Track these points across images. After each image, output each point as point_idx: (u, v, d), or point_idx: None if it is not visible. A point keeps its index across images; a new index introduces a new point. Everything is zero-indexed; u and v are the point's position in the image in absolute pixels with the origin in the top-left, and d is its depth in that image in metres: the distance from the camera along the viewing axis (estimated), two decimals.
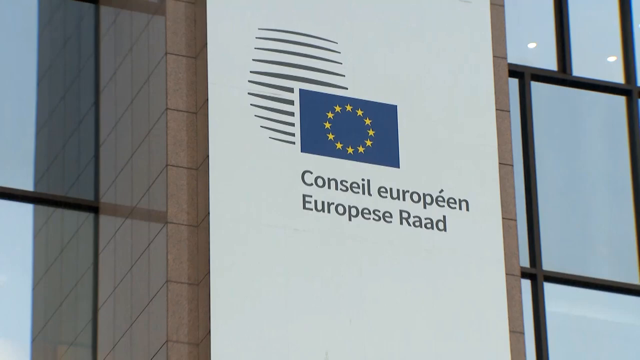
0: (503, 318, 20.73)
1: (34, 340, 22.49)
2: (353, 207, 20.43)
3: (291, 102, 20.81)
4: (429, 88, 21.98)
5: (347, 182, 20.66)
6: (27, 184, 23.12)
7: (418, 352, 20.53)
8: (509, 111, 22.47)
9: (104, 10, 24.00)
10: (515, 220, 21.82)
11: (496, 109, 21.82)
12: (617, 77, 25.47)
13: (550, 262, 23.63)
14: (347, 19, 22.16)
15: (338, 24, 21.91)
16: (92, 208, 22.81)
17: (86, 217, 22.89)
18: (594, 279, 23.67)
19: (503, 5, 22.95)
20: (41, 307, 22.90)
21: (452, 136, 21.87)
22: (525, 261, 22.87)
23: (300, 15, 21.80)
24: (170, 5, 21.15)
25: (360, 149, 20.88)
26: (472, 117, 21.99)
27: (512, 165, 22.14)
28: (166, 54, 21.00)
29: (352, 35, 22.01)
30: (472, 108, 22.10)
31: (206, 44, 20.81)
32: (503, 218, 21.23)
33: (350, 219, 20.40)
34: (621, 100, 25.31)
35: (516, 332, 20.83)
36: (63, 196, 23.12)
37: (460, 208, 21.02)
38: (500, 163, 21.62)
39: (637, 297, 24.23)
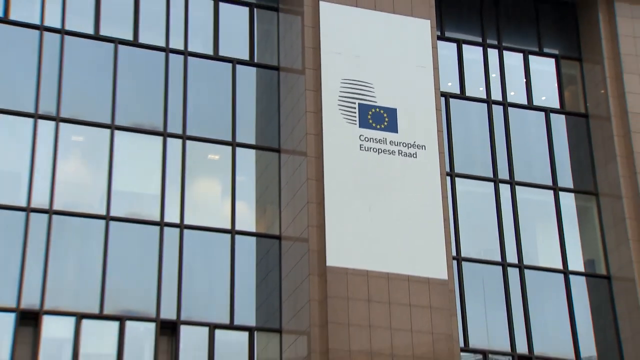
0: (438, 190, 24.23)
1: (256, 204, 25.96)
2: (379, 149, 24.25)
3: (354, 107, 24.48)
4: (410, 102, 25.12)
5: (376, 139, 24.32)
6: (252, 141, 26.19)
7: (409, 203, 23.83)
8: (441, 110, 25.83)
9: (282, 74, 26.54)
10: (444, 153, 25.28)
11: (436, 109, 25.20)
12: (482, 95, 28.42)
13: (458, 168, 26.90)
14: (376, 74, 25.08)
15: (373, 76, 24.90)
16: (277, 150, 26.02)
17: (274, 155, 26.01)
18: (476, 175, 27.39)
19: (438, 69, 25.67)
20: (260, 191, 25.99)
21: (419, 119, 25.01)
22: (449, 169, 26.46)
23: (357, 71, 24.77)
24: (307, 71, 24.47)
25: (382, 126, 24.56)
26: (427, 113, 25.20)
27: (442, 131, 25.45)
28: (305, 90, 24.52)
29: (378, 81, 24.96)
30: (426, 109, 25.22)
31: (321, 85, 24.35)
32: (439, 152, 24.66)
33: (379, 154, 24.21)
34: (484, 106, 28.28)
35: (445, 198, 24.43)
36: (266, 146, 26.28)
37: (422, 149, 24.55)
38: (437, 130, 25.00)
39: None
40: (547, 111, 28.97)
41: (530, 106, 28.94)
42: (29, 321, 22.48)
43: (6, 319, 22.30)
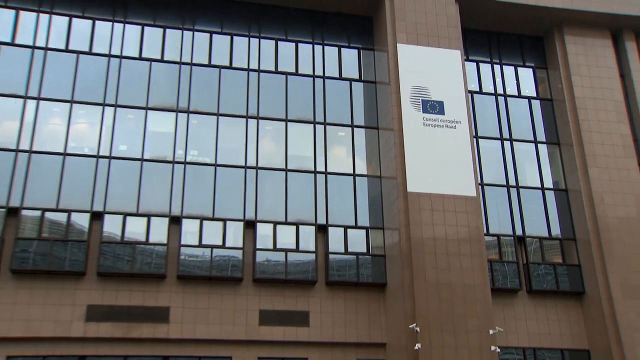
0: (468, 146, 23.33)
1: (366, 159, 24.52)
2: (435, 124, 23.46)
3: (419, 101, 23.64)
4: (451, 97, 23.95)
5: (433, 119, 23.52)
6: (362, 123, 25.02)
7: (453, 154, 22.94)
8: (469, 100, 24.43)
9: (378, 85, 25.30)
10: (472, 125, 24.01)
11: (465, 100, 24.08)
12: (492, 91, 26.84)
13: (480, 133, 25.60)
14: (431, 82, 23.94)
15: (429, 84, 23.83)
16: (376, 128, 24.80)
17: (375, 131, 24.79)
18: (489, 136, 25.76)
19: (466, 77, 24.53)
20: (368, 151, 24.59)
21: (456, 106, 23.85)
22: (475, 134, 25.17)
23: (420, 81, 23.82)
24: (392, 82, 23.66)
25: (435, 111, 23.70)
26: (461, 103, 24.00)
27: (470, 112, 24.20)
28: (391, 93, 23.74)
29: (432, 86, 23.89)
30: (460, 101, 24.02)
31: (400, 90, 23.51)
32: (468, 124, 23.68)
33: (434, 127, 23.39)
34: (492, 97, 26.72)
35: (473, 149, 23.42)
36: (370, 125, 25.06)
37: (459, 123, 23.66)
38: (467, 112, 23.93)
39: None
40: (529, 98, 27.67)
41: (519, 96, 27.58)
42: (250, 225, 22.88)
43: (237, 225, 22.68)
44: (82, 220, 21.39)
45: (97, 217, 21.52)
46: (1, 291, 20.41)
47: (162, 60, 24.43)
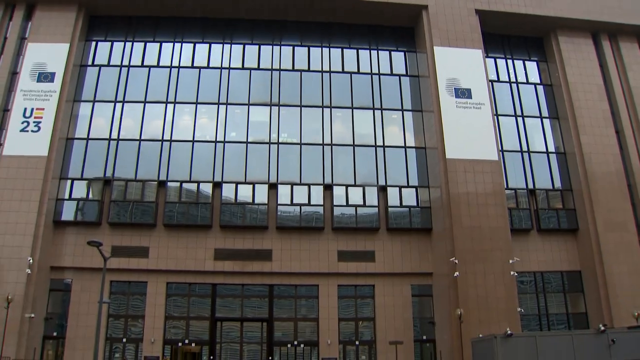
0: (490, 121, 22.06)
1: (414, 133, 23.43)
2: (465, 106, 22.38)
3: (452, 89, 22.54)
4: (476, 85, 22.72)
5: (463, 102, 22.44)
6: (409, 107, 23.85)
7: (479, 128, 21.76)
8: (490, 87, 23.46)
9: (420, 78, 23.90)
10: (493, 105, 23.14)
11: (487, 87, 22.85)
12: (507, 79, 25.53)
13: (500, 111, 24.38)
14: (461, 74, 22.67)
15: (460, 75, 22.58)
16: (420, 111, 23.50)
17: (420, 113, 23.51)
18: (506, 113, 24.35)
19: (487, 70, 23.65)
20: (415, 127, 23.34)
21: (480, 92, 22.68)
22: (495, 112, 23.48)
23: (453, 73, 22.58)
24: (431, 76, 22.70)
25: (465, 96, 22.48)
26: (483, 89, 22.82)
27: (491, 96, 23.14)
28: (430, 84, 22.81)
29: (462, 77, 22.72)
30: (483, 88, 22.88)
31: (437, 81, 22.55)
32: (490, 105, 22.54)
33: (464, 109, 22.30)
34: (507, 84, 25.25)
35: (494, 124, 22.54)
36: (416, 109, 23.77)
37: (483, 105, 22.50)
38: (489, 96, 22.74)
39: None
40: (535, 84, 26.50)
41: (527, 82, 26.41)
42: (328, 188, 22.62)
43: (319, 188, 22.41)
44: (207, 188, 22.03)
45: (217, 185, 22.16)
46: (159, 238, 21.45)
47: (258, 69, 24.50)
